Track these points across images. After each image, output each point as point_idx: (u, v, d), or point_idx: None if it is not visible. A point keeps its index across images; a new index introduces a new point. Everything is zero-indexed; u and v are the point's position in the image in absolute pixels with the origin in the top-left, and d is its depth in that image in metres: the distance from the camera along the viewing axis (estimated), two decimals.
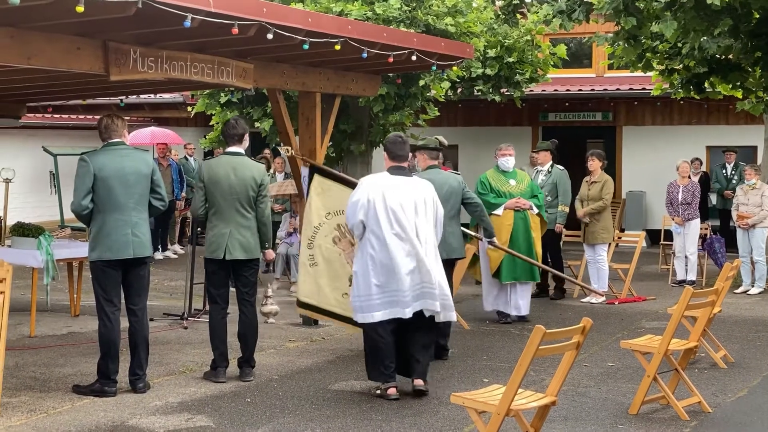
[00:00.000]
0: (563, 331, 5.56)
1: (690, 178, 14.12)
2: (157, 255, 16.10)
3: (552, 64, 18.14)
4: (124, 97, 13.61)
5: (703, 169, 18.32)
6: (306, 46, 8.36)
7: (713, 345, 8.74)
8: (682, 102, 18.76)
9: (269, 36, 7.84)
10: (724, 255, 13.94)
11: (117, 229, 7.15)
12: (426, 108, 17.08)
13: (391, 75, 13.85)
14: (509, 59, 17.34)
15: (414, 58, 9.85)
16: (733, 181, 17.23)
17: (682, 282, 13.54)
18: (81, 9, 6.25)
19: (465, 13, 15.41)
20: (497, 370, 8.24)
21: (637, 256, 12.93)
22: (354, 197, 7.38)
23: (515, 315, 10.73)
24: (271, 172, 15.14)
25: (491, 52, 17.20)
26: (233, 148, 7.91)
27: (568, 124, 21.02)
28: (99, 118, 7.49)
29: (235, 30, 7.48)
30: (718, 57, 14.74)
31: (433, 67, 10.80)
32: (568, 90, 20.15)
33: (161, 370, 8.09)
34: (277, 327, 10.18)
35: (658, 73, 15.87)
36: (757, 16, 13.38)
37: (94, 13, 6.53)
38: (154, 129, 18.78)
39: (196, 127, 21.99)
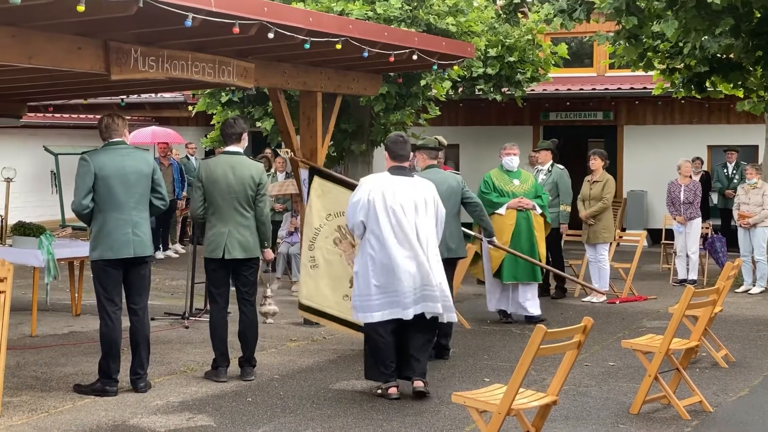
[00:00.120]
0: (564, 330, 5.56)
1: (691, 177, 14.12)
2: (158, 254, 16.10)
3: (553, 63, 18.14)
4: (125, 96, 13.62)
5: (704, 168, 18.31)
6: (307, 46, 8.37)
7: (714, 344, 8.73)
8: (683, 101, 18.75)
9: (270, 35, 7.84)
10: (725, 254, 13.95)
11: (118, 229, 7.15)
12: (427, 107, 17.08)
13: (392, 74, 13.85)
14: (510, 58, 17.35)
15: (415, 58, 9.85)
16: (735, 181, 17.23)
17: (684, 281, 13.54)
18: (82, 8, 6.25)
19: (466, 12, 15.42)
20: (498, 370, 8.24)
21: (638, 256, 12.92)
22: (354, 197, 7.37)
23: (524, 315, 10.56)
24: (272, 171, 15.13)
25: (492, 52, 17.21)
26: (232, 148, 7.91)
27: (569, 124, 21.01)
28: (100, 117, 7.48)
29: (236, 29, 7.49)
30: (719, 56, 14.73)
31: (434, 67, 10.80)
32: (569, 89, 20.14)
33: (162, 370, 8.09)
34: (278, 326, 10.19)
35: (659, 72, 15.86)
36: (758, 15, 13.38)
37: (95, 13, 6.54)
38: (155, 128, 18.79)
39: (197, 126, 21.99)
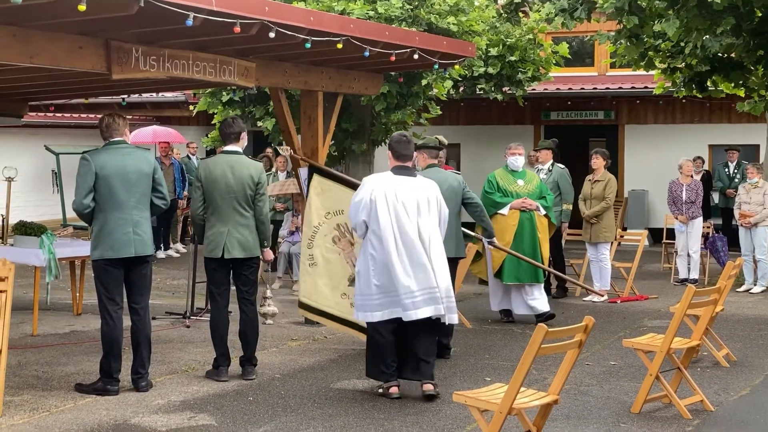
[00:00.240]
0: (565, 329, 5.55)
1: (692, 176, 14.12)
2: (159, 254, 16.12)
3: (554, 62, 18.13)
4: (126, 95, 13.63)
5: (705, 167, 18.31)
6: (308, 45, 8.36)
7: (715, 344, 8.73)
8: (684, 100, 18.75)
9: (271, 35, 7.84)
10: (727, 254, 13.95)
11: (119, 228, 7.15)
12: (428, 107, 17.08)
13: (393, 74, 13.84)
14: (511, 58, 17.34)
15: (416, 57, 9.85)
16: (736, 180, 17.22)
17: (685, 281, 13.54)
18: (83, 7, 6.25)
19: (467, 11, 15.41)
20: (499, 369, 8.24)
21: (639, 255, 12.92)
22: (357, 197, 7.36)
23: (533, 314, 10.38)
24: (273, 171, 15.14)
25: (493, 51, 17.20)
26: (230, 147, 7.90)
27: (570, 123, 21.00)
28: (101, 116, 7.49)
29: (237, 29, 7.48)
30: (721, 55, 14.72)
31: (435, 66, 10.79)
32: (570, 89, 20.13)
33: (163, 369, 8.10)
34: (279, 326, 10.19)
35: (660, 71, 15.84)
36: (760, 14, 13.37)
37: (96, 12, 6.54)
38: (156, 128, 18.78)
39: (198, 126, 21.99)
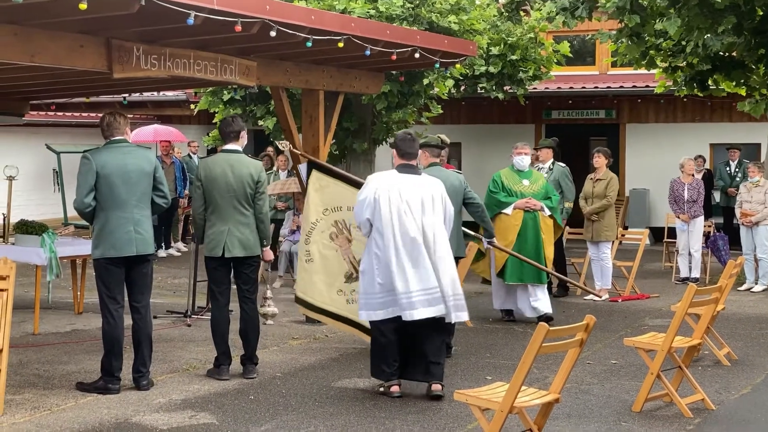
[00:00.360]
0: (566, 328, 5.55)
1: (694, 175, 14.11)
2: (160, 252, 16.13)
3: (555, 61, 18.11)
4: (127, 94, 13.62)
5: (706, 166, 18.30)
6: (309, 44, 8.36)
7: (717, 342, 8.73)
8: (685, 99, 18.73)
9: (272, 33, 7.84)
10: (728, 252, 13.94)
11: (120, 227, 7.15)
12: (429, 106, 17.06)
13: (394, 72, 13.84)
14: (512, 57, 17.34)
15: (417, 56, 9.84)
16: (737, 179, 17.21)
17: (686, 279, 13.54)
18: (84, 6, 6.25)
19: (468, 10, 15.39)
20: (500, 368, 8.23)
21: (640, 254, 12.91)
22: (361, 195, 7.35)
23: (535, 316, 10.32)
24: (274, 169, 15.14)
25: (494, 50, 17.20)
26: (230, 146, 7.90)
27: (572, 122, 20.99)
28: (102, 115, 7.49)
29: (238, 27, 7.48)
30: (722, 54, 14.71)
31: (436, 65, 10.78)
32: (571, 87, 20.12)
33: (165, 368, 8.10)
34: (280, 325, 10.19)
35: (661, 70, 15.83)
36: (761, 13, 13.37)
37: (97, 11, 6.54)
38: (157, 127, 18.77)
39: (199, 124, 21.97)
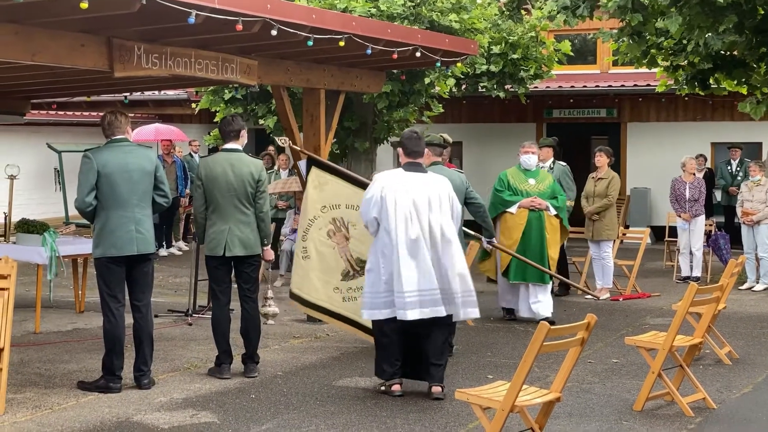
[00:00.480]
0: (567, 327, 5.55)
1: (695, 174, 14.11)
2: (161, 251, 16.14)
3: (556, 60, 18.10)
4: (128, 93, 13.63)
5: (707, 165, 18.30)
6: (310, 43, 8.37)
7: (718, 341, 8.73)
8: (686, 98, 18.72)
9: (273, 32, 7.84)
10: (729, 251, 13.93)
11: (121, 226, 7.16)
12: (430, 105, 17.06)
13: (395, 71, 13.84)
14: (513, 56, 17.33)
15: (418, 55, 9.85)
16: (738, 178, 17.21)
17: (687, 278, 13.54)
18: (85, 5, 6.26)
19: (469, 9, 15.38)
20: (501, 367, 8.24)
21: (641, 253, 12.90)
22: (368, 194, 7.34)
23: (533, 318, 10.26)
24: (275, 168, 15.14)
25: (495, 49, 17.19)
26: (230, 145, 7.90)
27: (573, 121, 20.99)
28: (103, 114, 7.50)
29: (239, 26, 7.48)
30: (723, 53, 14.70)
31: (438, 64, 10.79)
32: (572, 86, 20.11)
33: (166, 367, 8.10)
34: (281, 324, 10.19)
35: (662, 69, 15.82)
36: (762, 12, 13.35)
37: (98, 10, 6.55)
38: (159, 126, 18.76)
39: (200, 123, 21.96)
